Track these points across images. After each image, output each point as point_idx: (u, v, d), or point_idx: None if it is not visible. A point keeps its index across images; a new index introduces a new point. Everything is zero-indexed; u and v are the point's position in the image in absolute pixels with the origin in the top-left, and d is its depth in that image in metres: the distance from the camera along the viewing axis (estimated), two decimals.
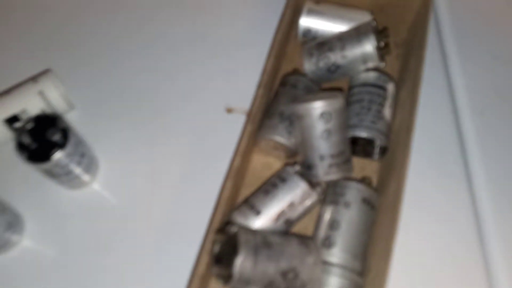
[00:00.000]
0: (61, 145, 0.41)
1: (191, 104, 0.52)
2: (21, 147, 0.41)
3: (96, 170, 0.48)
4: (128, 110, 0.52)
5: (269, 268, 0.35)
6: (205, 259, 0.37)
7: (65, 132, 0.42)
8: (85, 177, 0.47)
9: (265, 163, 0.48)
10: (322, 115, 0.40)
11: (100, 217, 0.47)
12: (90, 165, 0.47)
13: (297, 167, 0.43)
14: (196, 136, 0.50)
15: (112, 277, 0.44)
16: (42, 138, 0.41)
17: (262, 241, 0.36)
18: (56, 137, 0.41)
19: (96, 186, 0.48)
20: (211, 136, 0.50)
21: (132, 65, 0.54)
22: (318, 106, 0.40)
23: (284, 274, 0.35)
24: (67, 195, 0.48)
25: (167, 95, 0.53)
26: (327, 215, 0.41)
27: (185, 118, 0.51)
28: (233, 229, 0.36)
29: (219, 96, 0.52)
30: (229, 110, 0.51)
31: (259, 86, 0.44)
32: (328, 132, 0.41)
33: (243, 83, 0.52)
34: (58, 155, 0.41)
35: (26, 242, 0.46)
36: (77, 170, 0.45)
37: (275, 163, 0.48)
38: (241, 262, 0.34)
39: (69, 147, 0.41)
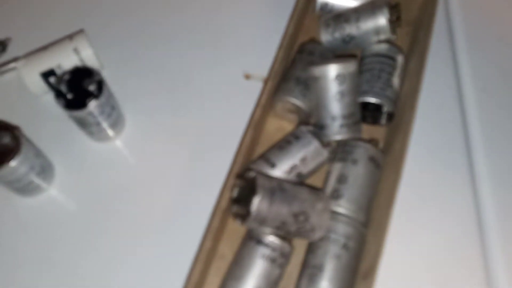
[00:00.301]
0: (95, 96, 0.45)
1: (213, 70, 0.55)
2: (59, 95, 0.45)
3: (122, 128, 0.52)
4: (154, 74, 0.55)
5: (283, 209, 0.39)
6: (227, 195, 0.41)
7: (100, 84, 0.45)
8: (110, 132, 0.50)
9: (279, 126, 0.51)
10: (337, 77, 0.44)
11: (119, 172, 0.51)
12: (117, 120, 0.50)
13: (310, 127, 0.46)
14: (216, 100, 0.54)
15: (129, 230, 0.48)
16: (79, 88, 0.45)
17: (277, 186, 0.39)
18: (92, 87, 0.45)
19: (118, 142, 0.52)
20: (230, 100, 0.54)
21: (159, 32, 0.58)
22: (333, 68, 0.43)
23: (295, 216, 0.39)
24: (93, 148, 0.51)
25: (190, 61, 0.56)
26: (335, 171, 0.45)
27: (207, 82, 0.55)
28: (251, 174, 0.39)
29: (239, 64, 0.55)
30: (248, 77, 0.55)
31: (279, 49, 0.48)
32: (341, 94, 0.44)
33: (262, 52, 0.55)
34: (93, 104, 0.44)
35: (52, 191, 0.50)
36: (106, 122, 0.48)
37: (288, 127, 0.51)
38: (258, 202, 0.38)
39: (102, 98, 0.45)
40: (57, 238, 0.47)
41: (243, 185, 0.41)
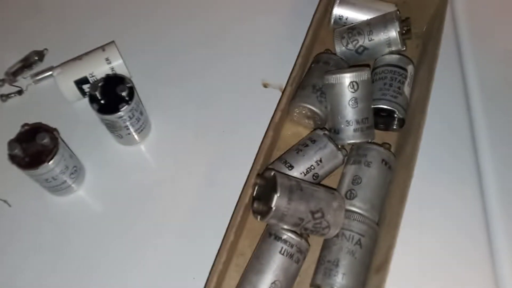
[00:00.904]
0: (127, 101, 0.48)
1: (233, 79, 0.59)
2: (94, 100, 0.49)
3: (148, 133, 0.55)
4: (177, 82, 0.59)
5: (301, 206, 0.41)
6: (249, 192, 0.43)
7: (131, 91, 0.49)
8: (137, 136, 0.54)
9: (295, 131, 0.54)
10: (351, 84, 0.47)
11: (144, 174, 0.54)
12: (144, 125, 0.54)
13: (326, 131, 0.49)
14: (236, 106, 0.57)
15: (152, 230, 0.50)
16: (111, 94, 0.49)
17: (296, 185, 0.42)
18: (123, 94, 0.48)
19: (143, 146, 0.55)
20: (249, 106, 0.57)
21: (182, 42, 0.62)
22: (348, 76, 0.47)
23: (312, 213, 0.42)
24: (120, 151, 0.55)
25: (212, 70, 0.59)
26: (350, 173, 0.47)
27: (227, 90, 0.58)
28: (271, 173, 0.42)
29: (258, 73, 0.59)
30: (266, 85, 0.58)
31: (298, 58, 0.51)
32: (355, 100, 0.47)
33: (279, 62, 0.59)
34: (124, 109, 0.48)
35: (82, 191, 0.53)
36: (134, 127, 0.52)
37: (304, 132, 0.54)
38: (278, 199, 0.40)
39: (133, 104, 0.49)
40: (83, 236, 0.50)
41: (263, 184, 0.44)
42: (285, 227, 0.43)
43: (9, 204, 0.51)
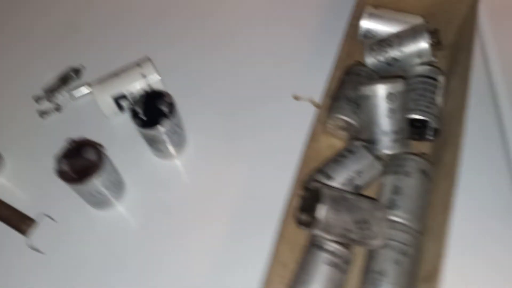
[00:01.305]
0: (167, 116, 0.50)
1: (264, 91, 0.60)
2: (135, 115, 0.50)
3: (184, 146, 0.56)
4: (210, 96, 0.60)
5: (346, 217, 0.42)
6: (292, 203, 0.44)
7: (171, 105, 0.50)
8: (173, 150, 0.55)
9: (329, 143, 0.55)
10: (388, 95, 0.48)
11: (181, 188, 0.55)
12: (181, 140, 0.55)
13: (363, 142, 0.50)
14: (268, 118, 0.58)
15: (192, 243, 0.51)
16: (152, 109, 0.50)
17: (340, 195, 0.43)
18: (164, 108, 0.50)
19: (180, 160, 0.56)
20: (281, 118, 0.58)
21: (214, 58, 0.63)
22: (384, 87, 0.48)
23: (358, 223, 0.42)
24: (157, 165, 0.56)
25: (245, 84, 0.61)
26: (389, 183, 0.48)
27: (260, 102, 0.59)
28: (316, 184, 0.43)
29: (288, 86, 0.60)
30: (296, 98, 0.59)
31: (333, 70, 0.52)
32: (392, 111, 0.48)
33: (309, 75, 0.60)
34: (165, 123, 0.49)
35: (121, 206, 0.54)
36: (172, 141, 0.53)
37: (338, 144, 0.55)
38: (325, 209, 0.41)
39: (173, 118, 0.50)
40: (125, 249, 0.51)
41: (308, 195, 0.44)
42: (330, 237, 0.44)
43: (54, 219, 0.52)
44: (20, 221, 0.52)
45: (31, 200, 0.53)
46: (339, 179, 0.48)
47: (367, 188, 0.50)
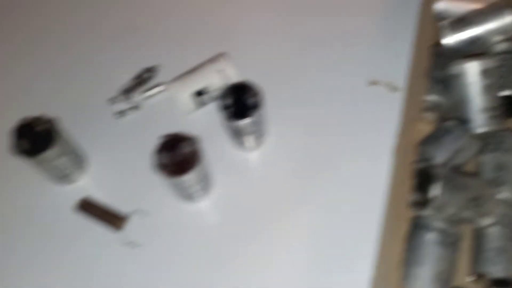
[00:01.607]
0: (256, 108, 0.49)
1: (339, 78, 0.59)
2: (223, 107, 0.50)
3: (264, 139, 0.56)
4: (287, 87, 0.59)
5: (460, 195, 0.42)
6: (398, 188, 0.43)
7: (259, 98, 0.50)
8: (256, 142, 0.54)
9: (419, 128, 0.53)
10: (482, 72, 0.47)
11: (266, 183, 0.54)
12: (263, 131, 0.54)
13: (457, 122, 0.49)
14: (348, 104, 0.57)
15: (283, 232, 0.51)
16: (239, 102, 0.50)
17: (451, 174, 0.42)
18: (252, 101, 0.49)
19: (260, 153, 0.56)
20: (361, 104, 0.57)
21: (285, 47, 0.63)
22: (478, 64, 0.47)
23: (471, 201, 0.42)
24: (240, 157, 0.56)
25: (319, 71, 0.60)
26: (490, 161, 0.47)
27: (336, 90, 0.59)
28: (425, 164, 0.43)
29: (364, 72, 0.59)
30: (374, 83, 0.59)
31: (415, 53, 0.51)
32: (486, 88, 0.47)
33: (385, 60, 0.59)
34: (254, 115, 0.49)
35: (204, 203, 0.53)
36: (256, 133, 0.53)
37: (423, 126, 0.54)
38: (440, 189, 0.40)
39: (260, 110, 0.50)
40: (215, 241, 0.51)
41: (417, 177, 0.44)
42: (442, 217, 0.43)
43: (144, 214, 0.52)
44: (113, 218, 0.52)
45: (118, 197, 0.53)
46: (438, 159, 0.47)
47: (463, 168, 0.50)
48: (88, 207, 0.53)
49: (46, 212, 0.54)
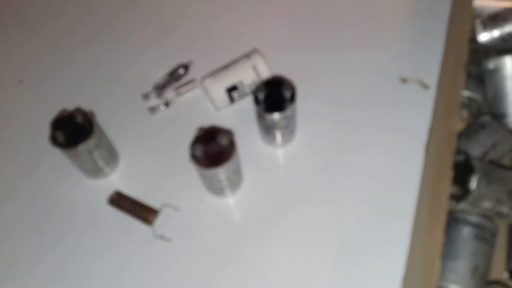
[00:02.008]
0: (291, 101, 0.50)
1: (371, 75, 0.60)
2: (258, 102, 0.50)
3: (294, 135, 0.56)
4: (316, 83, 0.60)
5: (499, 187, 0.41)
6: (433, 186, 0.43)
7: (293, 92, 0.50)
8: (288, 138, 0.55)
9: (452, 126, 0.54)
10: None
11: (296, 178, 0.54)
12: (293, 129, 0.55)
13: (491, 117, 0.49)
14: (379, 102, 0.57)
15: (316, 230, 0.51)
16: (274, 96, 0.50)
17: (489, 167, 0.42)
18: (287, 94, 0.50)
19: (286, 149, 0.56)
20: (392, 101, 0.57)
21: (316, 42, 0.63)
22: None
23: (510, 194, 0.41)
24: (270, 152, 0.56)
25: (349, 68, 0.61)
26: None
27: (366, 88, 0.59)
28: (463, 157, 0.42)
29: (395, 68, 0.59)
30: (404, 80, 0.59)
31: (447, 49, 0.52)
32: None
33: (416, 56, 0.60)
34: (289, 108, 0.49)
35: (235, 198, 0.53)
36: (290, 128, 0.53)
37: (459, 124, 0.54)
38: (478, 180, 0.40)
39: (294, 104, 0.50)
40: (245, 237, 0.51)
41: (455, 169, 0.43)
42: (479, 210, 0.42)
43: (175, 209, 0.53)
44: (144, 212, 0.53)
45: (149, 192, 0.54)
46: (474, 154, 0.47)
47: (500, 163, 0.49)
48: (120, 201, 0.54)
49: (79, 205, 0.54)
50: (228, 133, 0.47)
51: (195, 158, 0.47)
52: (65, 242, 0.52)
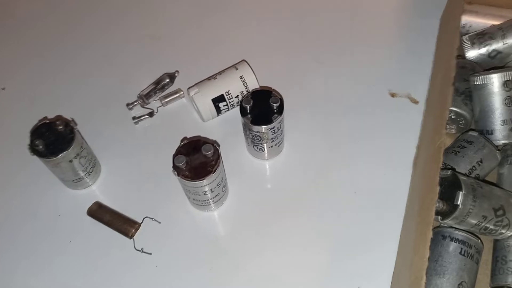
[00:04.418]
0: (279, 113, 0.49)
1: (361, 90, 0.59)
2: (244, 113, 0.49)
3: (281, 148, 0.55)
4: (305, 95, 0.60)
5: (484, 204, 0.41)
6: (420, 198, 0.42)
7: (281, 103, 0.49)
8: (276, 150, 0.54)
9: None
10: (506, 83, 0.47)
11: (285, 189, 0.53)
12: (281, 141, 0.54)
13: (479, 133, 0.49)
14: (368, 116, 0.57)
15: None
16: (261, 107, 0.49)
17: (475, 182, 0.42)
18: (275, 106, 0.49)
19: (273, 162, 0.55)
20: (381, 115, 0.57)
21: (306, 54, 0.63)
22: (502, 75, 0.47)
23: (495, 210, 0.41)
24: (258, 165, 0.55)
25: (339, 82, 0.60)
26: (510, 173, 0.47)
27: (356, 102, 0.59)
28: (449, 173, 0.42)
29: (384, 83, 0.59)
30: (393, 95, 0.59)
31: (436, 66, 0.51)
32: (510, 99, 0.47)
33: (403, 72, 0.60)
34: (277, 120, 0.49)
35: (219, 211, 0.52)
36: (277, 139, 0.52)
37: (446, 139, 0.53)
38: (464, 196, 0.40)
39: (282, 115, 0.49)
40: (233, 249, 0.50)
41: (441, 184, 0.43)
42: (464, 227, 0.42)
43: (158, 221, 0.51)
44: (124, 225, 0.51)
45: (131, 203, 0.53)
46: (461, 170, 0.47)
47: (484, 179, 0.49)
48: (100, 213, 0.52)
49: (59, 215, 0.53)
50: (213, 145, 0.47)
51: (178, 169, 0.46)
52: (44, 253, 0.51)
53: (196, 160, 0.46)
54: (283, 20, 0.68)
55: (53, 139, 0.49)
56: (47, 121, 0.50)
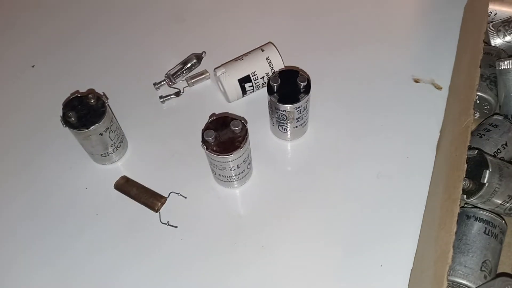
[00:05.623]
0: (306, 92, 0.50)
1: (384, 75, 0.60)
2: (271, 92, 0.50)
3: (305, 129, 0.56)
4: (330, 81, 0.60)
5: (510, 183, 0.41)
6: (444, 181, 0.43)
7: (308, 82, 0.50)
8: (301, 130, 0.55)
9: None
10: None
11: (306, 169, 0.54)
12: (305, 121, 0.54)
13: (503, 116, 0.49)
14: (392, 102, 0.58)
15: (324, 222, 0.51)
16: (289, 87, 0.50)
17: (501, 163, 0.42)
18: (302, 85, 0.50)
19: (297, 142, 0.56)
20: (404, 101, 0.58)
21: (331, 40, 0.64)
22: None
23: None
24: (282, 145, 0.56)
25: (362, 67, 0.61)
26: None
27: (379, 87, 0.59)
28: (476, 152, 0.42)
29: (407, 69, 0.60)
30: (417, 81, 0.59)
31: (461, 52, 0.52)
32: None
33: (427, 57, 0.61)
34: (304, 99, 0.50)
35: (243, 188, 0.53)
36: (303, 119, 0.53)
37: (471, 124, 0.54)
38: (490, 174, 0.40)
39: (309, 95, 0.50)
40: (254, 226, 0.51)
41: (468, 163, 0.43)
42: (487, 208, 0.42)
43: (184, 196, 0.53)
44: (151, 199, 0.53)
45: (156, 179, 0.54)
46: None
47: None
48: (127, 187, 0.54)
49: (86, 189, 0.54)
50: (241, 121, 0.48)
51: (206, 143, 0.47)
52: (71, 223, 0.52)
53: (225, 135, 0.47)
54: (310, 9, 0.68)
55: (85, 112, 0.50)
56: (79, 95, 0.52)
